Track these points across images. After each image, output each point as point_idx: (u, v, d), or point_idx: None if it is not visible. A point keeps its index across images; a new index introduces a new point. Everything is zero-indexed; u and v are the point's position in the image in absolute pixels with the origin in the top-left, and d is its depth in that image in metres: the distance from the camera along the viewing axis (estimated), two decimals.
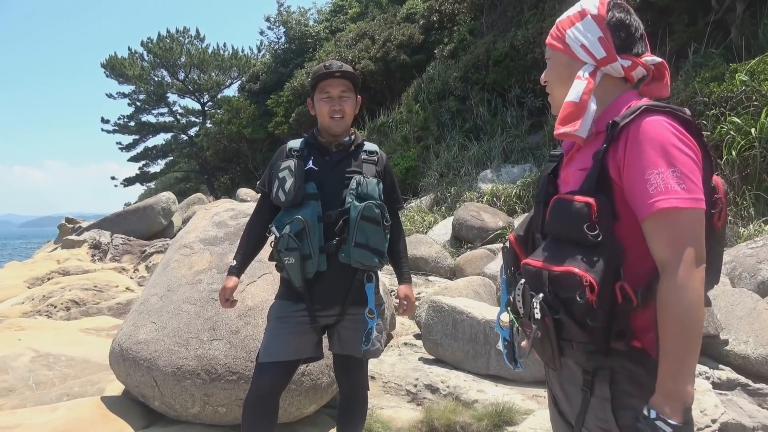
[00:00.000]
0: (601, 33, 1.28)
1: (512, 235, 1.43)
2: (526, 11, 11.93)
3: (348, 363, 2.24)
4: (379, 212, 2.12)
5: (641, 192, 1.13)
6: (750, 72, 6.10)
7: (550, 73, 1.37)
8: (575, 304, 1.09)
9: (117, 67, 28.50)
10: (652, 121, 1.16)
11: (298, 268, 2.05)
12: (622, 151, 1.17)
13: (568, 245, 1.16)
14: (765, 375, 3.35)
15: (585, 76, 1.26)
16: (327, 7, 27.89)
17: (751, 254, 4.38)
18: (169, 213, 11.23)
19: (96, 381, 3.60)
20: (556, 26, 1.36)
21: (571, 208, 1.16)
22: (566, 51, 1.31)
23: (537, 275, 1.17)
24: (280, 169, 2.13)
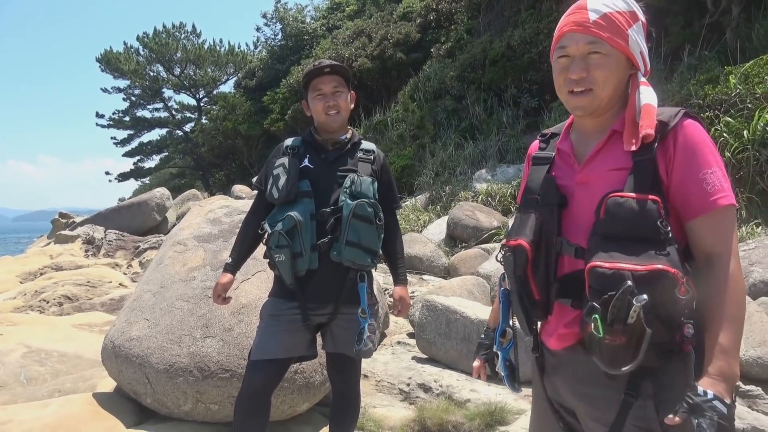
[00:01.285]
0: (647, 44, 1.31)
1: (523, 240, 1.30)
2: (523, 11, 11.95)
3: (341, 362, 2.24)
4: (372, 211, 2.11)
5: (698, 191, 1.17)
6: (744, 75, 6.13)
7: (608, 73, 1.25)
8: (672, 303, 1.07)
9: (112, 62, 28.37)
10: (693, 124, 1.22)
11: (289, 265, 2.05)
12: (671, 150, 1.20)
13: (635, 243, 1.12)
14: (755, 377, 3.38)
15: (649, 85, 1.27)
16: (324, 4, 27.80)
17: (743, 256, 4.41)
18: (163, 209, 11.20)
19: (88, 377, 3.59)
20: (610, 19, 1.24)
21: (640, 207, 1.14)
22: (627, 53, 1.26)
23: (615, 277, 1.09)
24: (275, 166, 2.15)
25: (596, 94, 1.27)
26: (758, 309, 3.68)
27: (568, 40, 1.29)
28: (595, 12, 1.25)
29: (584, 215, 1.26)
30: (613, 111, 1.32)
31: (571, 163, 1.36)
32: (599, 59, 1.25)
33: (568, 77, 1.29)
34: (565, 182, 1.35)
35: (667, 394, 1.16)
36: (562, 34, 1.31)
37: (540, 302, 1.32)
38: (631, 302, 1.06)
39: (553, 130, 1.51)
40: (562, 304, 1.30)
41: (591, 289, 1.15)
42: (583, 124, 1.38)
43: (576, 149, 1.37)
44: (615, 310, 1.08)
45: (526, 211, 1.37)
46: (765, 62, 6.06)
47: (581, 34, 1.26)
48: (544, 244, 1.31)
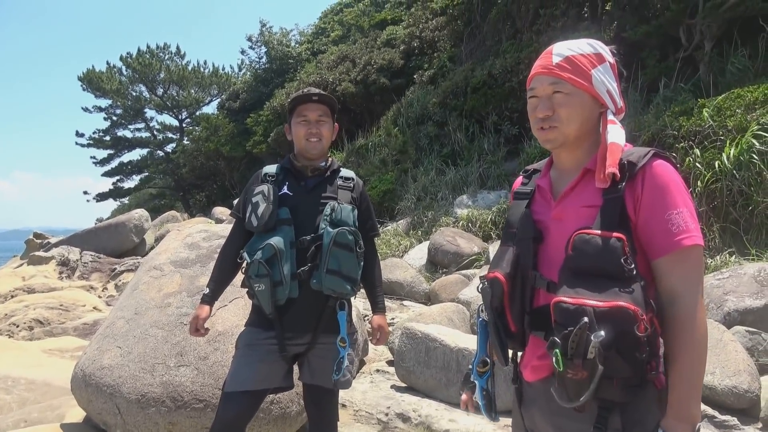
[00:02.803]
0: (616, 82, 1.35)
1: (499, 273, 1.35)
2: (504, 41, 12.20)
3: (318, 393, 2.20)
4: (353, 239, 2.10)
5: (663, 230, 1.20)
6: (717, 108, 6.31)
7: (571, 110, 1.31)
8: (630, 339, 1.09)
9: (94, 81, 28.18)
10: (663, 164, 1.25)
11: (269, 294, 2.02)
12: (640, 190, 1.22)
13: (600, 279, 1.15)
14: (731, 406, 3.40)
15: (618, 123, 1.31)
16: (309, 29, 28.15)
17: (717, 285, 4.47)
18: (141, 230, 11.03)
19: (57, 406, 3.48)
20: (572, 61, 1.31)
21: (604, 244, 1.16)
22: (590, 92, 1.31)
23: (578, 313, 1.12)
24: (253, 194, 2.12)
25: (561, 131, 1.33)
26: (732, 338, 3.72)
27: (536, 82, 1.37)
28: (559, 56, 1.34)
29: (558, 250, 1.29)
30: (585, 148, 1.36)
31: (548, 199, 1.40)
32: (562, 98, 1.32)
33: (536, 116, 1.36)
34: (542, 217, 1.39)
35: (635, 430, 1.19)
36: (531, 77, 1.40)
37: (516, 334, 1.37)
38: (590, 338, 1.08)
39: (535, 166, 1.56)
40: (537, 337, 1.33)
41: (556, 323, 1.18)
42: (560, 161, 1.43)
43: (554, 185, 1.42)
44: (574, 345, 1.10)
45: (505, 244, 1.43)
46: (736, 96, 6.25)
47: (545, 76, 1.34)
48: (520, 277, 1.35)
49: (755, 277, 4.33)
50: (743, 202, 5.61)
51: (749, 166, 5.55)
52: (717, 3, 7.35)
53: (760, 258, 5.04)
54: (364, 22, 21.98)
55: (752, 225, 5.53)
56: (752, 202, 5.51)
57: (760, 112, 5.88)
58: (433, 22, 15.83)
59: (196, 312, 2.22)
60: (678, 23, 7.94)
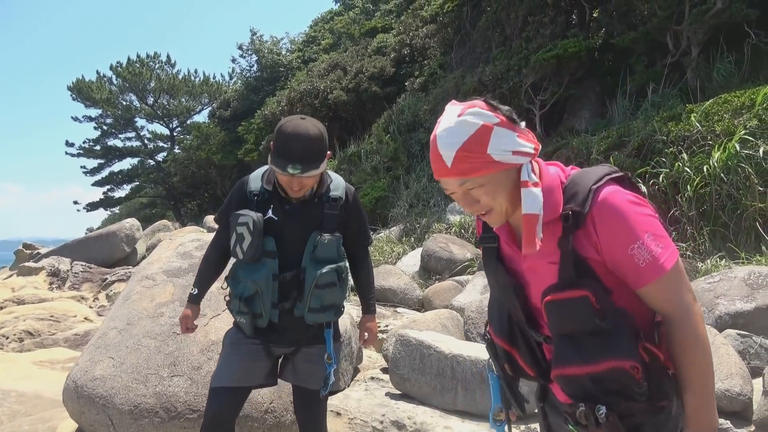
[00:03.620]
0: (515, 132, 1.24)
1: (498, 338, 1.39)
2: (494, 48, 12.28)
3: (307, 398, 2.21)
4: (335, 276, 2.10)
5: (631, 267, 1.19)
6: (704, 113, 6.38)
7: (492, 195, 1.24)
8: (632, 390, 1.15)
9: (84, 91, 28.07)
10: (610, 196, 1.19)
11: (249, 324, 2.07)
12: (593, 234, 1.20)
13: (586, 338, 1.18)
14: (724, 409, 3.42)
15: (533, 178, 1.22)
16: (300, 37, 28.23)
17: (708, 289, 4.51)
18: (132, 240, 10.96)
19: (48, 419, 3.44)
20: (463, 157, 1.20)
21: (572, 306, 1.18)
22: (499, 168, 1.22)
23: (579, 381, 1.19)
24: (238, 222, 2.04)
25: (496, 211, 1.27)
26: (724, 342, 3.74)
27: (444, 183, 1.28)
28: (448, 156, 1.22)
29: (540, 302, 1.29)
30: None
31: (515, 250, 1.35)
32: (477, 191, 1.24)
33: (466, 210, 1.32)
34: (517, 267, 1.36)
35: None
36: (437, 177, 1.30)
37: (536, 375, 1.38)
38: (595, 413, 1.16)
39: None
40: None
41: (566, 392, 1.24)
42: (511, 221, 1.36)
43: (516, 233, 1.36)
44: (584, 421, 1.18)
45: (493, 296, 1.46)
46: (723, 101, 6.32)
47: (448, 179, 1.25)
48: (518, 330, 1.37)
49: (745, 280, 4.37)
50: (732, 205, 5.66)
51: (737, 170, 5.61)
52: (703, 9, 7.44)
53: (750, 261, 5.08)
54: (354, 30, 22.08)
55: (741, 228, 5.58)
56: (741, 206, 5.56)
57: (746, 116, 5.95)
58: (423, 29, 15.93)
59: (184, 312, 2.27)
60: (665, 30, 8.04)
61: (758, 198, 5.44)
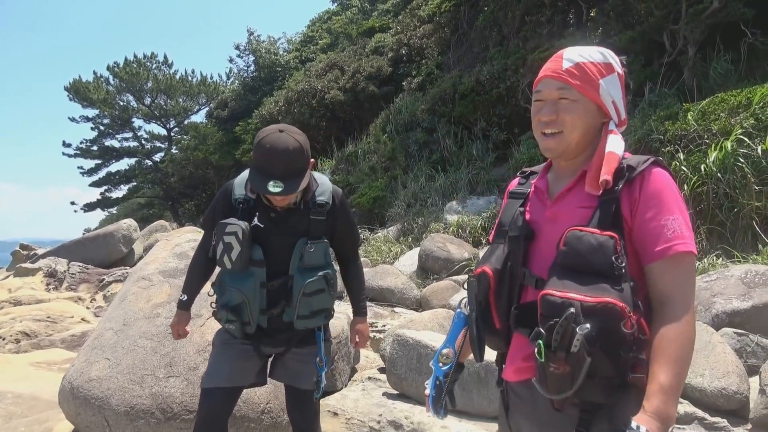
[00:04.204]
0: (622, 94, 1.34)
1: (488, 268, 1.34)
2: (491, 48, 12.30)
3: (299, 397, 2.21)
4: (323, 282, 2.09)
5: (658, 234, 1.20)
6: (701, 112, 6.39)
7: (575, 117, 1.30)
8: (615, 336, 1.09)
9: (81, 91, 28.00)
10: (661, 172, 1.26)
11: (239, 330, 2.06)
12: (638, 194, 1.24)
13: (591, 276, 1.14)
14: (721, 408, 3.42)
15: (619, 135, 1.31)
16: (297, 37, 28.21)
17: (705, 287, 4.51)
18: (129, 240, 10.93)
19: (44, 420, 3.43)
20: (582, 68, 1.30)
21: (597, 242, 1.17)
22: (596, 101, 1.31)
23: (564, 306, 1.11)
24: (225, 232, 2.00)
25: (564, 137, 1.32)
26: (721, 340, 3.75)
27: (543, 85, 1.36)
28: (569, 61, 1.32)
29: (550, 250, 1.29)
30: (584, 157, 1.36)
31: (544, 200, 1.40)
32: (568, 104, 1.31)
33: (540, 119, 1.35)
34: (535, 217, 1.39)
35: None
36: (539, 79, 1.38)
37: (500, 331, 1.36)
38: (575, 330, 1.07)
39: (533, 168, 1.56)
40: (521, 335, 1.31)
41: (542, 316, 1.17)
42: (558, 166, 1.43)
43: (550, 187, 1.41)
44: (558, 337, 1.10)
45: (497, 242, 1.42)
46: (720, 100, 6.33)
47: (553, 80, 1.33)
48: (509, 274, 1.34)
49: (742, 279, 4.37)
50: (729, 204, 5.67)
51: (734, 169, 5.62)
52: (699, 9, 7.45)
53: (746, 260, 5.09)
54: (352, 30, 22.08)
55: (738, 227, 5.59)
56: (738, 205, 5.57)
57: (743, 115, 5.96)
58: (420, 29, 15.94)
59: (175, 319, 2.26)
60: (662, 29, 8.05)
61: (755, 197, 5.45)
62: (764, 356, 3.78)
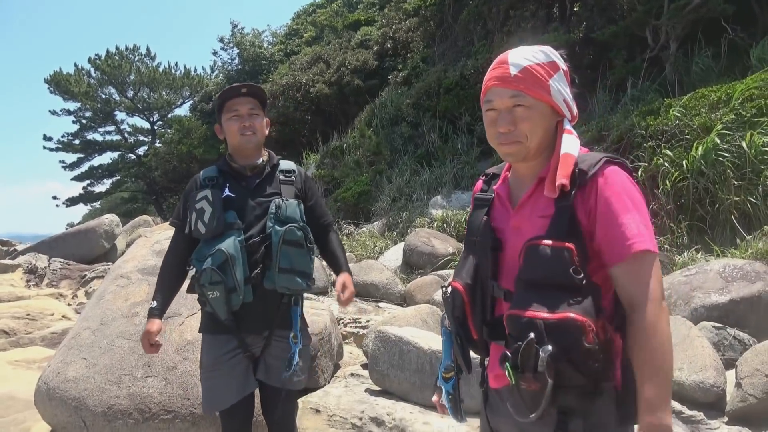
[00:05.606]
0: (570, 90, 1.33)
1: (459, 283, 1.35)
2: (476, 42, 12.30)
3: (276, 396, 2.19)
4: (302, 234, 2.09)
5: (617, 236, 1.19)
6: (683, 107, 6.45)
7: (533, 123, 1.29)
8: (578, 350, 1.09)
9: (62, 84, 27.54)
10: (615, 171, 1.25)
11: (223, 301, 2.00)
12: (593, 198, 1.23)
13: (551, 290, 1.15)
14: (698, 401, 3.47)
15: (574, 132, 1.30)
16: (282, 30, 27.96)
17: (685, 282, 4.57)
18: (112, 236, 10.80)
19: (21, 420, 3.38)
20: (530, 72, 1.28)
21: (554, 253, 1.16)
22: (549, 102, 1.30)
23: (528, 325, 1.13)
24: (196, 200, 2.06)
25: (524, 145, 1.31)
26: (699, 334, 3.80)
27: (493, 94, 1.32)
28: (515, 66, 1.29)
29: (515, 260, 1.28)
30: (543, 157, 1.35)
31: (507, 207, 1.39)
32: (523, 112, 1.29)
33: (498, 131, 1.32)
34: (501, 225, 1.38)
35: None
36: (487, 88, 1.35)
37: (478, 342, 1.38)
38: (538, 352, 1.09)
39: (494, 170, 1.56)
40: (498, 345, 1.33)
41: (509, 335, 1.18)
42: (517, 169, 1.42)
43: (512, 193, 1.41)
44: (524, 359, 1.11)
45: (467, 253, 1.43)
46: (701, 96, 6.39)
47: (504, 88, 1.30)
48: (480, 287, 1.35)
49: (720, 273, 4.43)
50: (709, 199, 5.73)
51: (714, 165, 5.68)
52: (681, 4, 7.51)
53: (725, 254, 5.16)
54: (337, 23, 21.94)
55: (717, 222, 5.66)
56: (717, 200, 5.64)
57: (723, 111, 6.02)
58: (406, 23, 15.88)
59: (146, 327, 2.15)
60: (644, 24, 8.10)
61: (734, 192, 5.51)
62: (741, 350, 3.84)
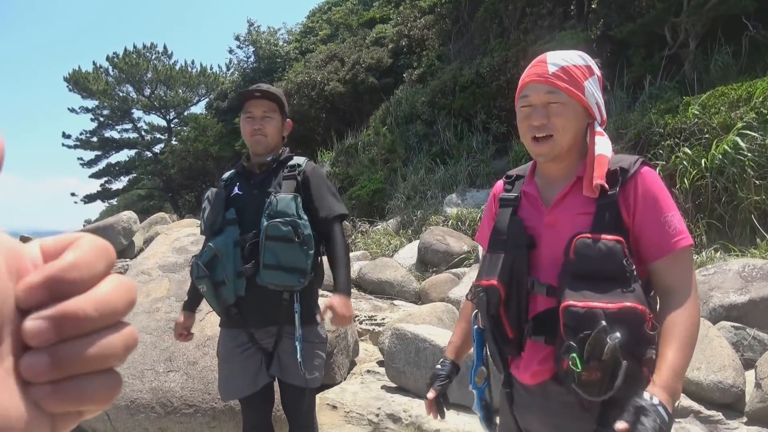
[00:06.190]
0: (602, 95, 1.39)
1: (495, 281, 1.35)
2: (492, 40, 12.24)
3: (295, 393, 2.21)
4: (289, 229, 2.02)
5: (660, 233, 1.27)
6: (702, 105, 6.38)
7: (566, 120, 1.33)
8: (641, 338, 1.15)
9: (81, 82, 27.90)
10: (651, 171, 1.33)
11: (212, 294, 2.05)
12: (633, 195, 1.29)
13: (603, 282, 1.19)
14: (717, 401, 3.45)
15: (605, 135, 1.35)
16: (297, 28, 28.06)
17: (703, 281, 4.53)
18: (129, 233, 10.94)
19: None
20: (567, 72, 1.33)
21: (607, 247, 1.21)
22: (582, 102, 1.34)
23: (588, 316, 1.15)
24: (204, 200, 2.18)
25: (556, 140, 1.35)
26: (718, 334, 3.77)
27: (530, 90, 1.37)
28: (554, 65, 1.35)
29: (553, 255, 1.32)
30: (574, 158, 1.39)
31: (539, 206, 1.41)
32: (558, 108, 1.33)
33: (531, 124, 1.36)
34: (533, 224, 1.40)
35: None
36: (524, 84, 1.39)
37: (513, 340, 1.38)
38: (606, 340, 1.12)
39: (517, 171, 1.57)
40: (536, 341, 1.34)
41: (566, 327, 1.20)
42: (547, 170, 1.44)
43: (542, 193, 1.43)
44: (590, 348, 1.14)
45: (496, 252, 1.42)
46: (720, 94, 6.32)
47: (541, 84, 1.35)
48: (516, 283, 1.36)
49: (740, 273, 4.39)
50: (728, 198, 5.67)
51: (734, 163, 5.62)
52: (701, 1, 7.42)
53: (744, 254, 5.10)
54: (352, 21, 21.98)
55: (736, 221, 5.60)
56: (736, 199, 5.58)
57: (743, 109, 5.95)
58: (421, 20, 15.85)
59: (179, 319, 2.30)
60: (663, 21, 8.02)
61: (753, 191, 5.45)
62: (761, 350, 3.80)
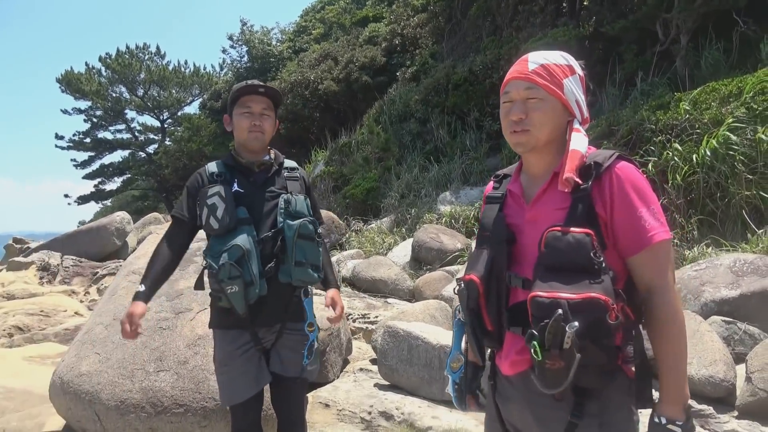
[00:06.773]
0: (584, 95, 1.42)
1: (474, 275, 1.40)
2: (484, 37, 12.25)
3: (288, 388, 2.22)
4: (313, 228, 2.15)
5: (636, 227, 1.28)
6: (693, 101, 6.39)
7: (543, 115, 1.37)
8: (602, 327, 1.16)
9: (73, 83, 27.79)
10: (627, 166, 1.33)
11: (242, 295, 2.02)
12: (608, 189, 1.30)
13: (572, 273, 1.21)
14: (708, 395, 3.46)
15: (583, 132, 1.38)
16: (290, 27, 28.02)
17: (695, 276, 4.54)
18: (123, 233, 10.92)
19: (36, 414, 3.44)
20: (547, 69, 1.37)
21: (574, 239, 1.23)
22: (561, 99, 1.38)
23: (552, 306, 1.18)
24: (207, 195, 2.09)
25: (533, 134, 1.38)
26: (709, 329, 3.78)
27: (511, 86, 1.42)
28: (535, 63, 1.40)
29: (532, 250, 1.35)
30: (553, 153, 1.42)
31: (521, 203, 1.45)
32: (536, 103, 1.37)
33: (510, 119, 1.40)
34: (515, 220, 1.45)
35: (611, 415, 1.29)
36: (506, 81, 1.44)
37: (492, 332, 1.43)
38: (564, 329, 1.14)
39: (505, 171, 1.62)
40: (514, 333, 1.38)
41: (533, 317, 1.23)
42: (529, 166, 1.48)
43: (525, 190, 1.47)
44: (550, 337, 1.17)
45: (480, 247, 1.48)
46: (711, 89, 6.33)
47: (521, 81, 1.40)
48: (495, 278, 1.41)
49: (731, 268, 4.41)
50: (719, 194, 5.69)
51: (725, 159, 5.64)
52: None
53: (735, 249, 5.12)
54: (345, 20, 21.95)
55: (728, 216, 5.62)
56: (728, 194, 5.60)
57: (734, 105, 5.97)
58: (414, 19, 15.86)
59: (130, 309, 2.04)
60: (654, 17, 8.03)
61: (745, 186, 5.47)
62: (751, 344, 3.82)
